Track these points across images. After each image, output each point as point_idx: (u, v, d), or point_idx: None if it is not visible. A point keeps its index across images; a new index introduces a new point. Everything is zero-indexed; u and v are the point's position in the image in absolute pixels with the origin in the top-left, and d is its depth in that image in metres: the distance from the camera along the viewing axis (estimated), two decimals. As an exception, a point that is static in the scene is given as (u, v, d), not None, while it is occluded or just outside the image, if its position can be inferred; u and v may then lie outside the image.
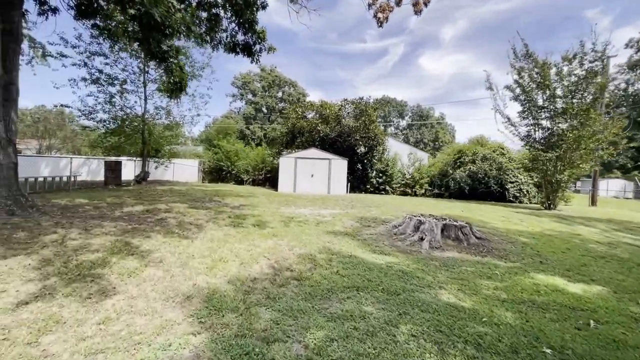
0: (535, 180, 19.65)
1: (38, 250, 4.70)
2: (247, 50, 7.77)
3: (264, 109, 63.99)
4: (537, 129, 14.86)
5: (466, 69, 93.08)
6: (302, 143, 20.69)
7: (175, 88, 6.70)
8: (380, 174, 21.23)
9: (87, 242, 5.24)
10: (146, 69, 15.20)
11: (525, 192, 19.25)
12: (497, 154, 20.17)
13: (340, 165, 17.27)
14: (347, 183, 18.37)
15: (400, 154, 22.51)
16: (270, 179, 23.10)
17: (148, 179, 16.94)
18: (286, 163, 17.20)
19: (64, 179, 13.20)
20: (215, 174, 24.17)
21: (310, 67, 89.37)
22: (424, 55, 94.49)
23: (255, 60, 7.78)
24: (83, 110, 14.55)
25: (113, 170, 14.74)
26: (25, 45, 14.50)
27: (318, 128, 19.16)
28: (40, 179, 11.67)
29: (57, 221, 6.23)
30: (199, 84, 17.98)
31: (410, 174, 22.06)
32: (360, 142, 19.41)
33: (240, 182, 23.51)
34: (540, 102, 14.52)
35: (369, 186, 21.27)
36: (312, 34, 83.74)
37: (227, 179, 23.87)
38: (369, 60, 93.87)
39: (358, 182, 20.95)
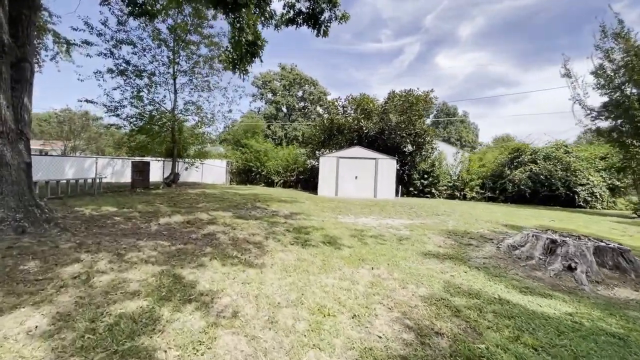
0: (610, 182, 17.18)
1: (52, 296, 3.11)
2: (313, 20, 6.07)
3: (284, 109, 63.03)
4: (630, 122, 12.46)
5: (483, 67, 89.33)
6: (340, 142, 18.89)
7: (246, 52, 4.79)
8: (425, 176, 19.16)
9: (121, 278, 3.62)
10: (176, 59, 13.82)
11: (598, 196, 16.72)
12: (562, 152, 17.72)
13: (388, 166, 15.35)
14: (399, 186, 16.48)
15: (445, 153, 20.37)
16: (303, 181, 21.43)
17: (178, 181, 15.58)
18: (327, 163, 15.44)
19: (89, 181, 11.94)
20: (244, 175, 22.72)
21: (325, 68, 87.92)
22: (440, 54, 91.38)
23: (322, 32, 6.07)
24: (109, 106, 13.33)
25: (141, 171, 13.44)
26: (49, 40, 13.46)
27: (361, 124, 17.27)
28: (63, 182, 10.39)
29: (80, 241, 4.68)
30: (234, 75, 16.42)
31: (457, 175, 19.88)
32: (407, 140, 17.38)
33: (270, 183, 21.95)
34: (634, 91, 12.14)
35: (412, 189, 19.23)
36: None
37: (257, 180, 22.36)
38: (384, 60, 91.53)
39: (399, 184, 18.96)
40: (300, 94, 62.99)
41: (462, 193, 19.45)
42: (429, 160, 19.18)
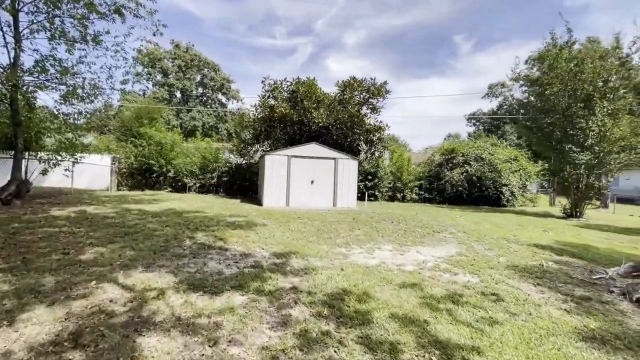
0: (521, 182, 19.03)
1: None
2: None
3: (178, 94, 54.19)
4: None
5: (368, 74, 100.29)
6: (278, 136, 15.24)
7: None
8: (370, 177, 17.54)
9: None
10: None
11: (517, 196, 18.35)
12: (487, 154, 18.80)
13: (350, 168, 12.75)
14: (365, 192, 14.12)
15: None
16: (226, 184, 16.81)
17: (29, 193, 8.93)
18: (274, 163, 11.71)
19: None
20: (139, 176, 16.34)
21: (220, 58, 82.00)
22: (330, 57, 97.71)
23: None
24: None
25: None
26: None
27: (312, 115, 14.04)
28: None
29: None
30: (137, 23, 9.41)
31: (395, 176, 19.02)
32: (361, 138, 15.17)
33: (180, 188, 16.41)
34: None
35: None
36: (220, 24, 76.91)
37: (160, 183, 16.40)
38: (280, 56, 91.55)
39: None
40: (198, 78, 55.09)
41: (402, 195, 18.70)
42: (373, 160, 17.63)
